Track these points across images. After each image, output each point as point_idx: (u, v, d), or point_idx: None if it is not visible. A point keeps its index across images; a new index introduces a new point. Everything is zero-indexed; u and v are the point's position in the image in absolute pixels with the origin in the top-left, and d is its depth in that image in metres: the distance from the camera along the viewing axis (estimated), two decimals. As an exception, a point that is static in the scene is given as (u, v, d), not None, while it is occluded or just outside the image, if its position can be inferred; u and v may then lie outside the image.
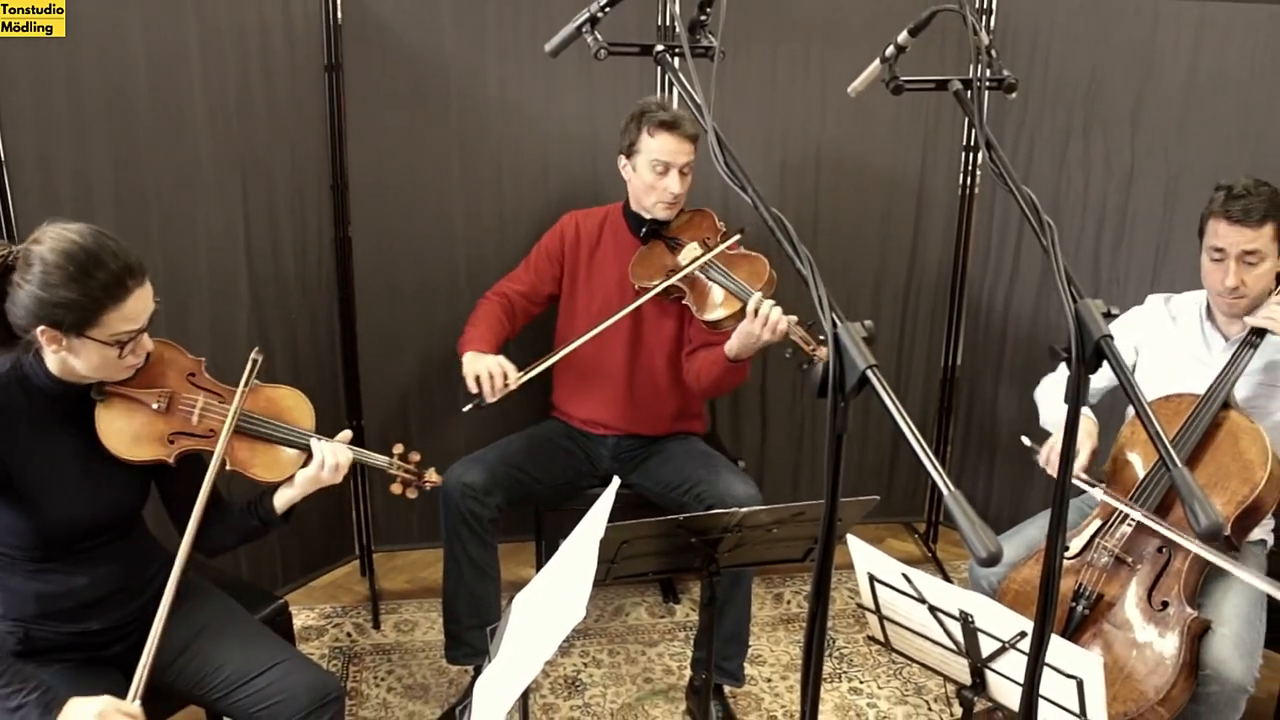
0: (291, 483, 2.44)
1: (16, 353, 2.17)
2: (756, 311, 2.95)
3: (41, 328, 2.08)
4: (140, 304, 2.14)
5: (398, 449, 2.60)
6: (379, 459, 2.57)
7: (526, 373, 3.11)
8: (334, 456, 2.41)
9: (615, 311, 3.22)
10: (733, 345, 3.07)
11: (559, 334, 3.44)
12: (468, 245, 3.75)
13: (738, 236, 3.21)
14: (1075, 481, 2.78)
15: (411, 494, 2.62)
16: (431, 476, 2.64)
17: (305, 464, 2.43)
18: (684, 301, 3.21)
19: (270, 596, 2.85)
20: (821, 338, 2.85)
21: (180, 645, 2.42)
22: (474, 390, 3.08)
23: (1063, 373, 3.20)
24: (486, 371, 3.07)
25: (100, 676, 2.32)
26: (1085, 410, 3.03)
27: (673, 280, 3.17)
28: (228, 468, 2.36)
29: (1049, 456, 2.92)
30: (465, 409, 3.10)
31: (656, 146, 3.18)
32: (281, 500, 2.45)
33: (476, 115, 3.64)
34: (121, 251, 2.11)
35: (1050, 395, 3.19)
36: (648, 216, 3.30)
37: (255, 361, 2.39)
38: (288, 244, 3.52)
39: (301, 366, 3.61)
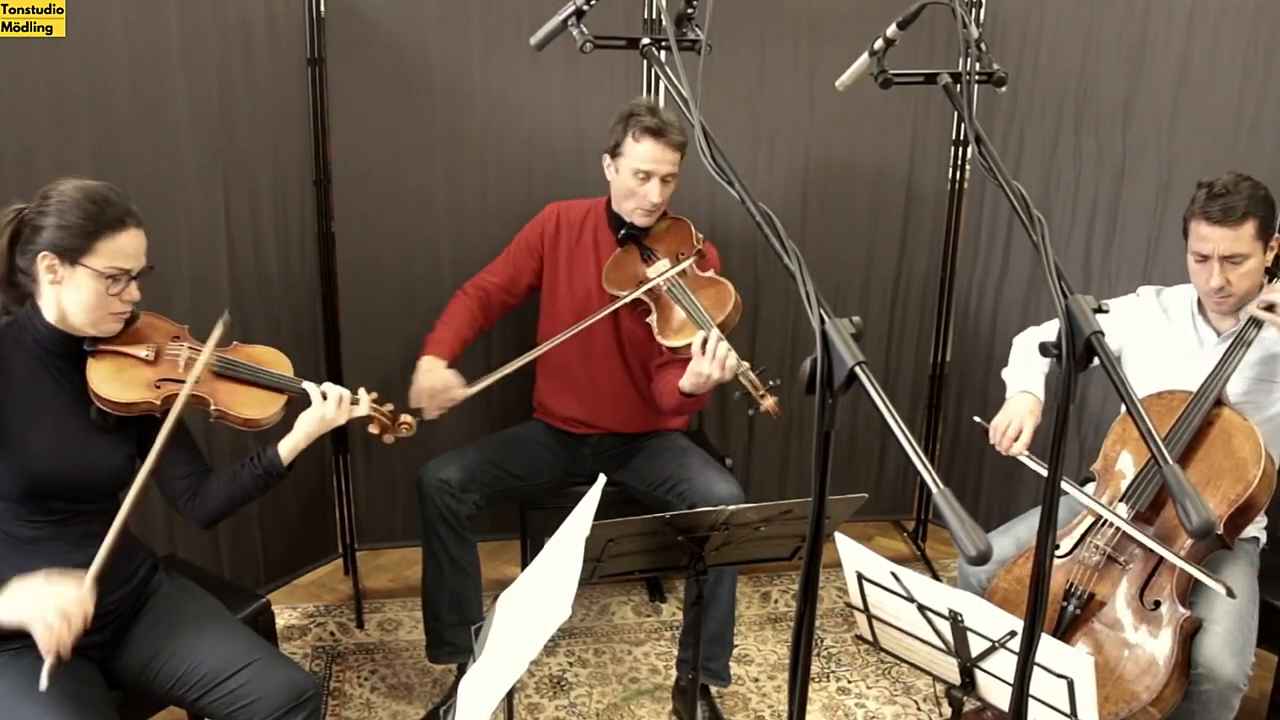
0: (294, 430, 2.54)
1: (11, 303, 2.33)
2: (706, 348, 2.89)
3: (43, 253, 2.22)
4: (135, 242, 2.30)
5: (373, 395, 2.67)
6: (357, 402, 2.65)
7: (476, 384, 3.11)
8: (334, 390, 2.56)
9: (591, 312, 3.23)
10: (685, 382, 2.98)
11: (541, 328, 3.42)
12: (452, 240, 3.72)
13: (693, 260, 3.18)
14: (1065, 487, 2.77)
15: (388, 439, 2.71)
16: (406, 419, 2.73)
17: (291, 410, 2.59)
18: (648, 319, 3.17)
19: (252, 595, 2.83)
20: (771, 384, 2.86)
21: (158, 644, 2.40)
22: (412, 400, 3.11)
23: (1049, 328, 3.18)
24: (429, 386, 3.11)
25: (77, 667, 2.28)
26: (1037, 388, 3.02)
27: (637, 294, 3.14)
28: (213, 410, 2.45)
29: (996, 435, 2.95)
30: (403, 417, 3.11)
31: (640, 153, 3.12)
32: (287, 449, 2.52)
33: (461, 109, 3.61)
34: (124, 195, 2.31)
35: (1024, 344, 3.18)
36: (627, 219, 3.26)
37: (227, 323, 2.50)
38: (270, 239, 3.49)
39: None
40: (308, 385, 2.56)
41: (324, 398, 2.55)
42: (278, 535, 3.77)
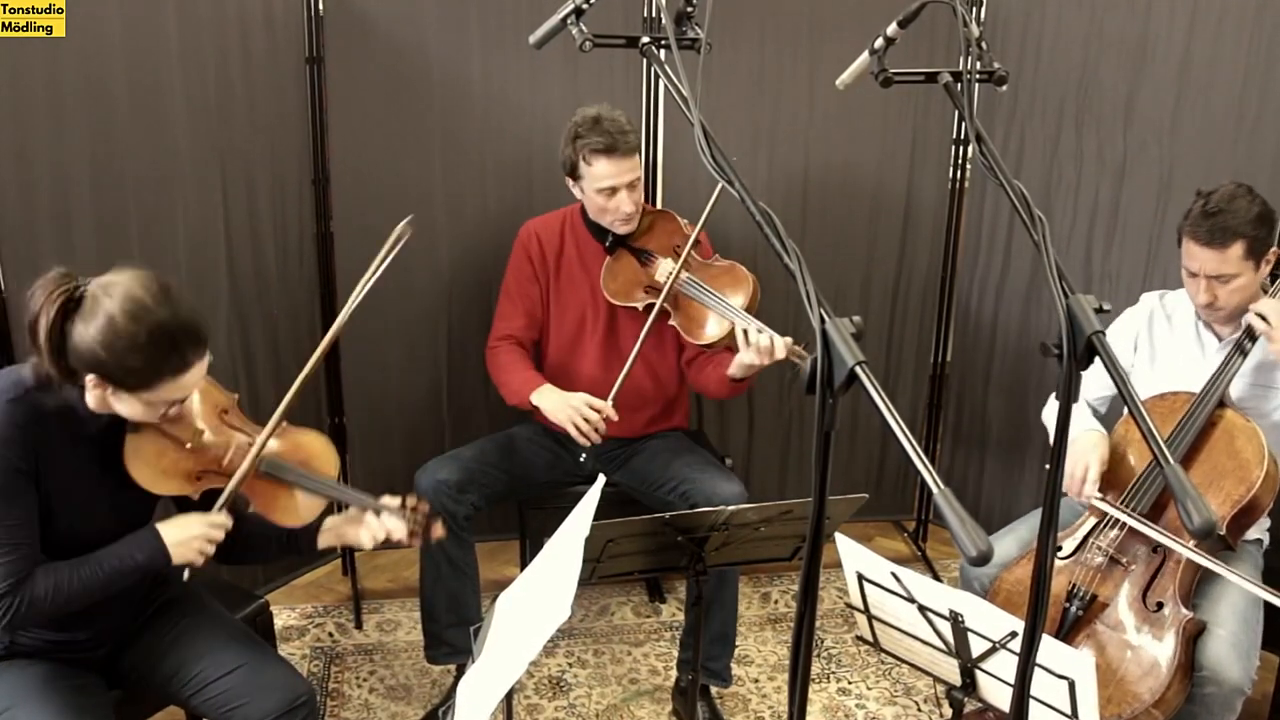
0: (336, 539, 2.50)
1: (62, 378, 2.10)
2: (749, 340, 2.91)
3: (92, 376, 2.05)
4: (197, 374, 2.12)
5: (411, 501, 2.47)
6: (397, 518, 2.46)
7: (611, 396, 3.07)
8: (384, 531, 2.43)
9: (591, 324, 3.28)
10: (735, 370, 3.03)
11: (540, 348, 3.41)
12: (451, 240, 3.71)
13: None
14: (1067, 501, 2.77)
15: (417, 542, 2.48)
16: (438, 530, 2.49)
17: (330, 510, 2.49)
18: (670, 322, 3.16)
19: (251, 596, 2.82)
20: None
21: (155, 642, 2.40)
22: (579, 438, 3.06)
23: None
24: (580, 415, 3.05)
25: (80, 675, 2.30)
26: (1095, 425, 2.98)
27: (661, 302, 3.11)
28: (250, 510, 2.37)
29: (1069, 485, 2.86)
30: (582, 459, 3.10)
31: (598, 173, 3.08)
32: (324, 543, 2.49)
33: (460, 108, 3.60)
34: (191, 323, 2.08)
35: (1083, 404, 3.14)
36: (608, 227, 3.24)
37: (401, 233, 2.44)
38: (268, 239, 3.48)
39: (282, 364, 3.57)
40: (370, 515, 2.43)
41: (372, 536, 2.44)
42: (276, 536, 3.76)
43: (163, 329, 2.02)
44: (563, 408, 3.08)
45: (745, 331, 2.93)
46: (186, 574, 2.24)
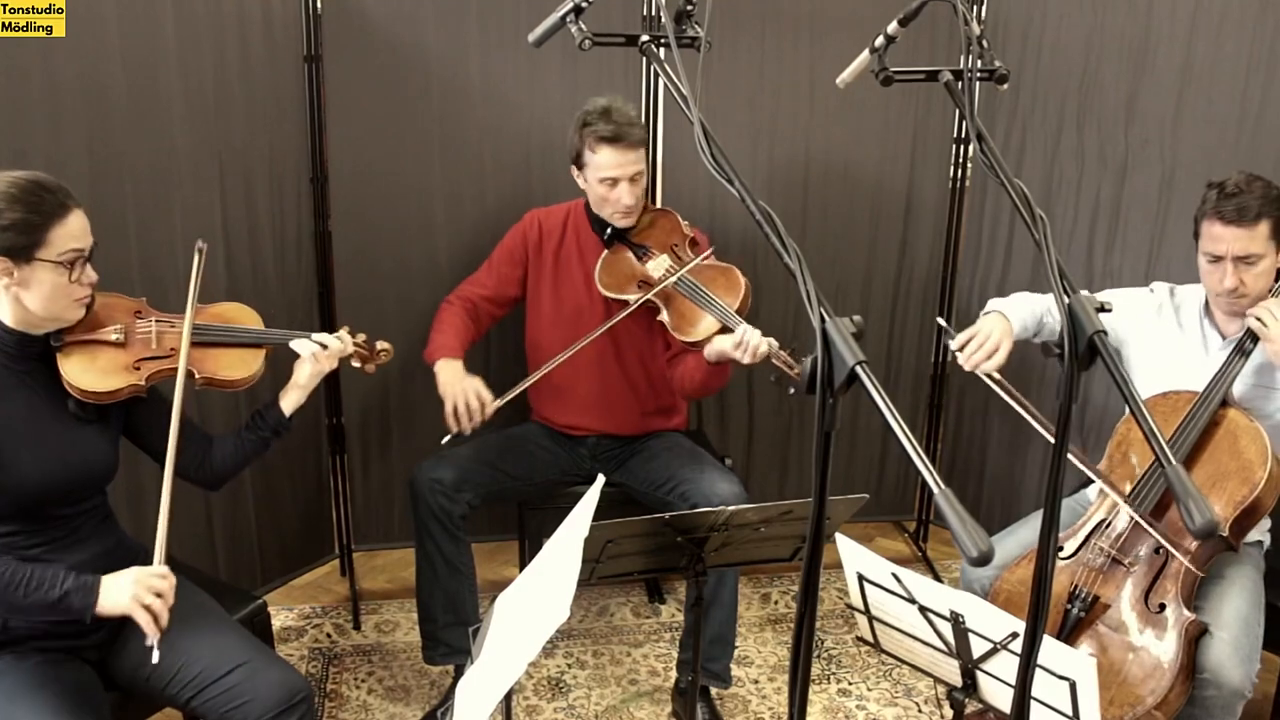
0: (291, 387, 2.68)
1: None
2: (740, 344, 2.90)
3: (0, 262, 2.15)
4: (82, 222, 2.25)
5: (344, 329, 2.79)
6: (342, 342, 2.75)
7: (503, 397, 3.09)
8: (316, 341, 2.68)
9: (587, 317, 3.25)
10: (710, 354, 3.02)
11: (529, 337, 3.41)
12: (449, 238, 3.70)
13: (709, 252, 3.19)
14: (1072, 459, 2.72)
15: (370, 368, 2.87)
16: (383, 345, 2.89)
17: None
18: (659, 318, 3.15)
19: (249, 596, 2.81)
20: (805, 359, 2.84)
21: None
22: (451, 419, 3.08)
23: (1047, 299, 3.12)
24: (464, 399, 3.07)
25: (77, 670, 2.31)
26: (1001, 309, 2.95)
27: (649, 296, 3.12)
28: (198, 379, 2.49)
29: (964, 344, 2.84)
30: (444, 441, 3.10)
31: (601, 162, 3.10)
32: (290, 405, 2.66)
33: (458, 106, 3.59)
34: (56, 180, 2.24)
35: (1024, 295, 3.09)
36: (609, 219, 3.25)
37: (201, 251, 2.57)
38: (266, 237, 3.47)
39: (280, 362, 3.55)
40: (293, 342, 2.67)
41: (312, 350, 2.67)
42: (274, 536, 3.75)
43: (25, 178, 2.18)
44: (454, 384, 3.11)
45: (735, 333, 2.93)
46: (156, 656, 2.20)
